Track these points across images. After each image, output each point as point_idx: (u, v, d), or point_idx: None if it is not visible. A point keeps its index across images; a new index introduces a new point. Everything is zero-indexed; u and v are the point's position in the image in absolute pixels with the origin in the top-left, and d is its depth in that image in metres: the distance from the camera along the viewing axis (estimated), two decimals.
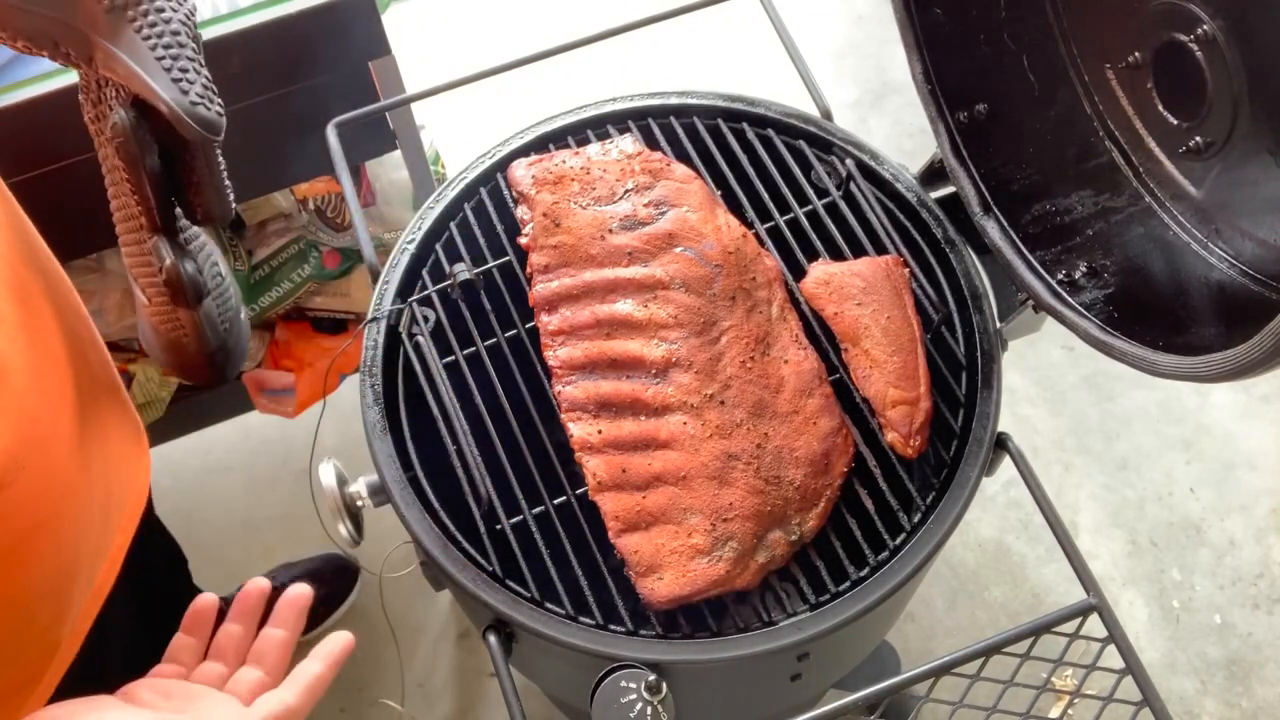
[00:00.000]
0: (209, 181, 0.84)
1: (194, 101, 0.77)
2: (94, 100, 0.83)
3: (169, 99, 0.76)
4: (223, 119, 0.79)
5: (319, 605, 1.62)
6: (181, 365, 0.95)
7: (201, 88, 0.78)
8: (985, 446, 0.93)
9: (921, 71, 1.01)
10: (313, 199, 1.60)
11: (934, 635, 1.65)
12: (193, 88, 0.77)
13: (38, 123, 1.11)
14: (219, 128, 0.78)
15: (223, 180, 0.85)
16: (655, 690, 0.80)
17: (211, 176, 0.84)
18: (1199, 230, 0.89)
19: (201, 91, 0.77)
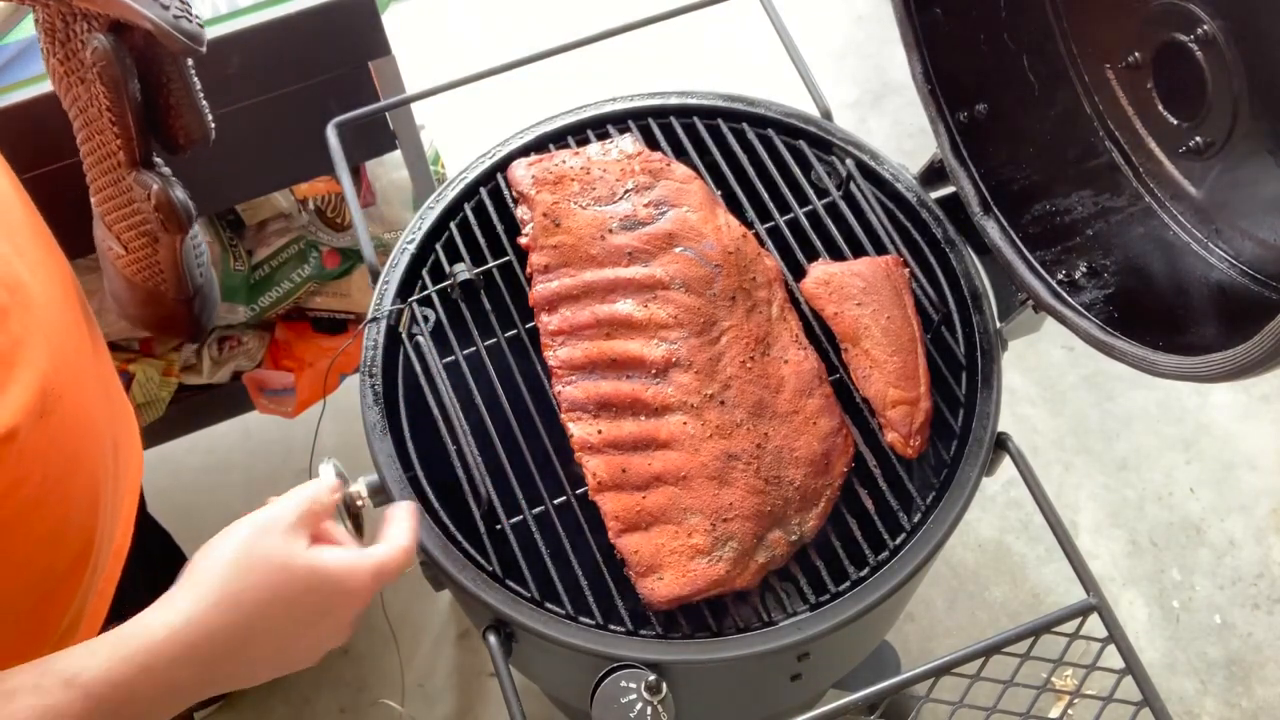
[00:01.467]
0: (188, 101, 0.84)
1: (176, 15, 0.78)
2: (62, 40, 0.83)
3: (153, 16, 0.77)
4: (203, 31, 0.80)
5: None
6: (160, 318, 0.94)
7: (181, 4, 0.79)
8: (985, 446, 0.93)
9: (921, 71, 1.01)
10: (313, 199, 1.60)
11: (934, 635, 1.65)
12: (173, 3, 0.79)
13: (38, 123, 1.11)
14: (202, 39, 0.80)
15: (200, 99, 0.86)
16: (655, 690, 0.80)
17: (189, 95, 0.84)
18: (1199, 230, 0.89)
19: (180, 6, 0.79)
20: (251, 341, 1.72)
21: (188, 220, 0.88)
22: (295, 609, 0.61)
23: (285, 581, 0.61)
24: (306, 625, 0.62)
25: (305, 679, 1.61)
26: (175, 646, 0.56)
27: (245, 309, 1.65)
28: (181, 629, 0.56)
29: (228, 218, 1.63)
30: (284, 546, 0.62)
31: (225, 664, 0.58)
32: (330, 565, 0.63)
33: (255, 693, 1.60)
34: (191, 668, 0.56)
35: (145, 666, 0.55)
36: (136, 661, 0.55)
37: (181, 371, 1.69)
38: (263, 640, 0.60)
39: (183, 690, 0.57)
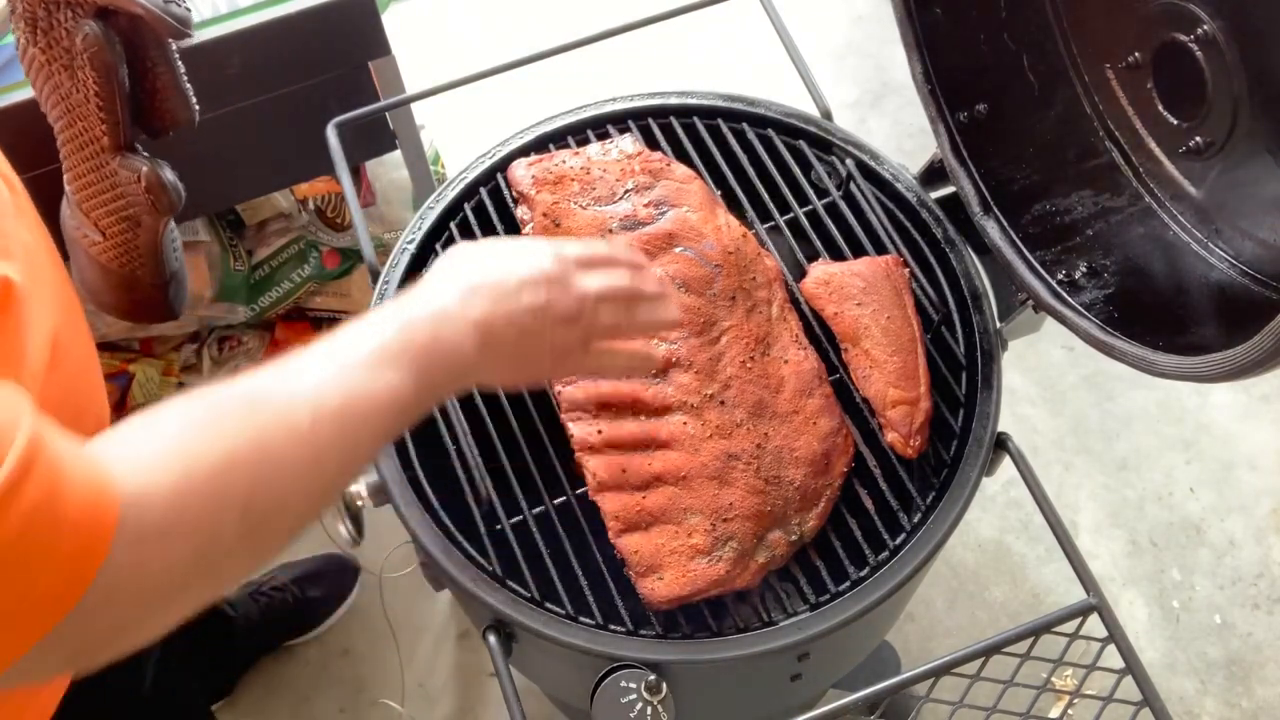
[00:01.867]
0: (173, 84, 0.86)
1: (166, 0, 0.80)
2: (44, 29, 0.84)
3: (144, 1, 0.78)
4: (191, 14, 0.82)
5: (319, 605, 1.62)
6: (134, 303, 0.95)
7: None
8: (985, 446, 0.93)
9: (921, 71, 1.01)
10: (313, 199, 1.60)
11: (934, 635, 1.65)
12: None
13: (37, 123, 1.11)
14: (190, 22, 0.82)
15: (185, 82, 0.87)
16: (655, 690, 0.80)
17: (175, 79, 0.86)
18: (1199, 230, 0.89)
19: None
20: (251, 341, 1.72)
21: (178, 199, 0.89)
22: (487, 249, 0.71)
23: (479, 247, 0.71)
24: (505, 261, 0.69)
25: (305, 679, 1.61)
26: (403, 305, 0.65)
27: (245, 309, 1.65)
28: (420, 299, 0.66)
29: (228, 218, 1.63)
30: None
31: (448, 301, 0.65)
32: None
33: (255, 693, 1.60)
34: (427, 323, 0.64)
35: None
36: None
37: (182, 371, 1.69)
38: (472, 273, 0.68)
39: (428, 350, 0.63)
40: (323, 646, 1.64)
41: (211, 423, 0.53)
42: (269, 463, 0.53)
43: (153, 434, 0.51)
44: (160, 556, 0.48)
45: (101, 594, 0.45)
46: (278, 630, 1.59)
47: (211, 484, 0.50)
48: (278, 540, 0.56)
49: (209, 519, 0.50)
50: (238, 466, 0.51)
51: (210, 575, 0.52)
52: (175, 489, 0.49)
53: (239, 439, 0.52)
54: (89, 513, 0.45)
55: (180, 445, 0.51)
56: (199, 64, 0.89)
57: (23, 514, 0.42)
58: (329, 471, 0.57)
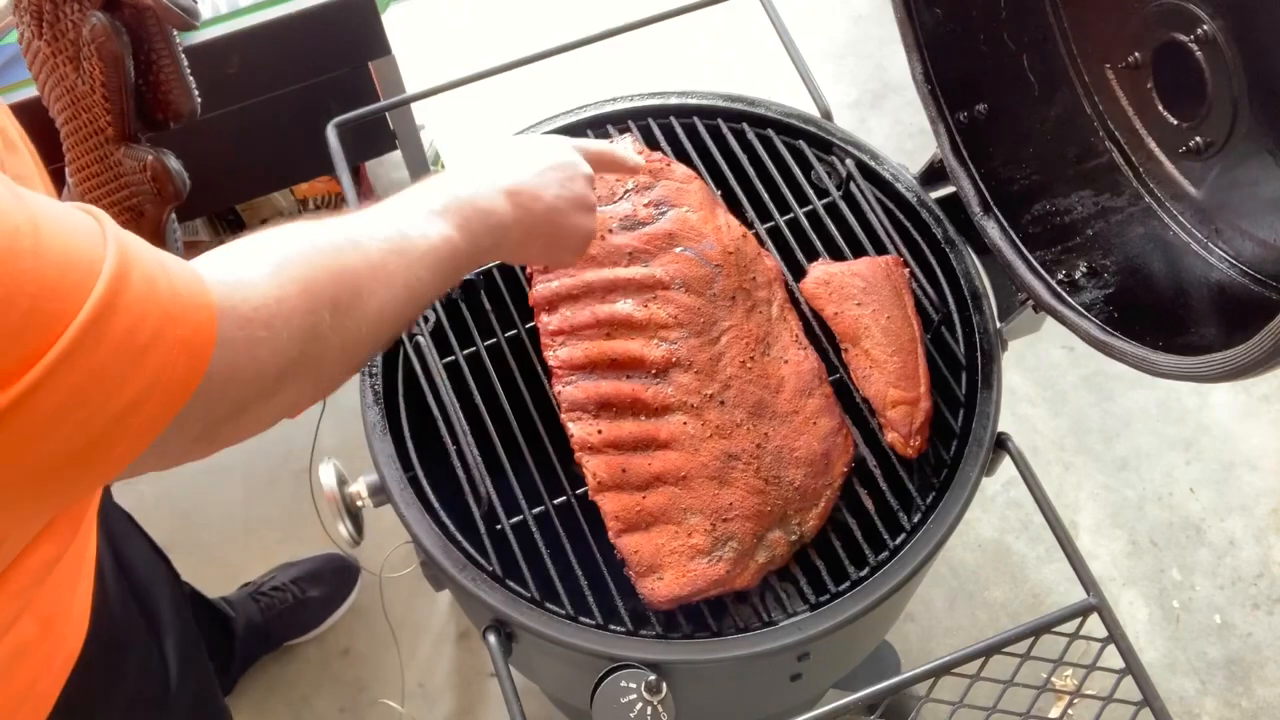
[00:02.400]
0: (176, 76, 0.87)
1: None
2: (50, 22, 0.85)
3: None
4: (198, 5, 0.84)
5: (319, 605, 1.62)
6: None
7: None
8: (985, 446, 0.93)
9: (921, 71, 1.01)
10: (313, 199, 1.60)
11: (934, 635, 1.65)
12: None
13: (38, 123, 1.11)
14: (198, 14, 0.84)
15: (188, 75, 0.88)
16: (655, 690, 0.80)
17: (179, 71, 0.87)
18: (1199, 230, 0.89)
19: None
20: None
21: (183, 187, 0.90)
22: (510, 140, 0.80)
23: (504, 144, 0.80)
24: (528, 146, 0.79)
25: (305, 679, 1.61)
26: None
27: None
28: (458, 175, 0.74)
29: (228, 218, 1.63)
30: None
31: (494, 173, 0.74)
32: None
33: (255, 693, 1.60)
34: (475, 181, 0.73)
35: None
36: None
37: None
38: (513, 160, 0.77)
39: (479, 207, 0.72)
40: (323, 646, 1.64)
41: (288, 238, 0.59)
42: (346, 272, 0.60)
43: (235, 249, 0.57)
44: (268, 341, 0.53)
45: (221, 373, 0.50)
46: (278, 630, 1.59)
47: (301, 282, 0.56)
48: (364, 346, 0.62)
49: (304, 310, 0.56)
50: (320, 270, 0.58)
51: (313, 367, 0.58)
52: (271, 282, 0.55)
53: (316, 250, 0.59)
54: (192, 300, 0.49)
55: (266, 252, 0.57)
56: (199, 64, 0.89)
57: (133, 304, 0.45)
58: (397, 291, 0.63)
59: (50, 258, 0.42)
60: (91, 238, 0.45)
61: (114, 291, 0.44)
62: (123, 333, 0.44)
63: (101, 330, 0.43)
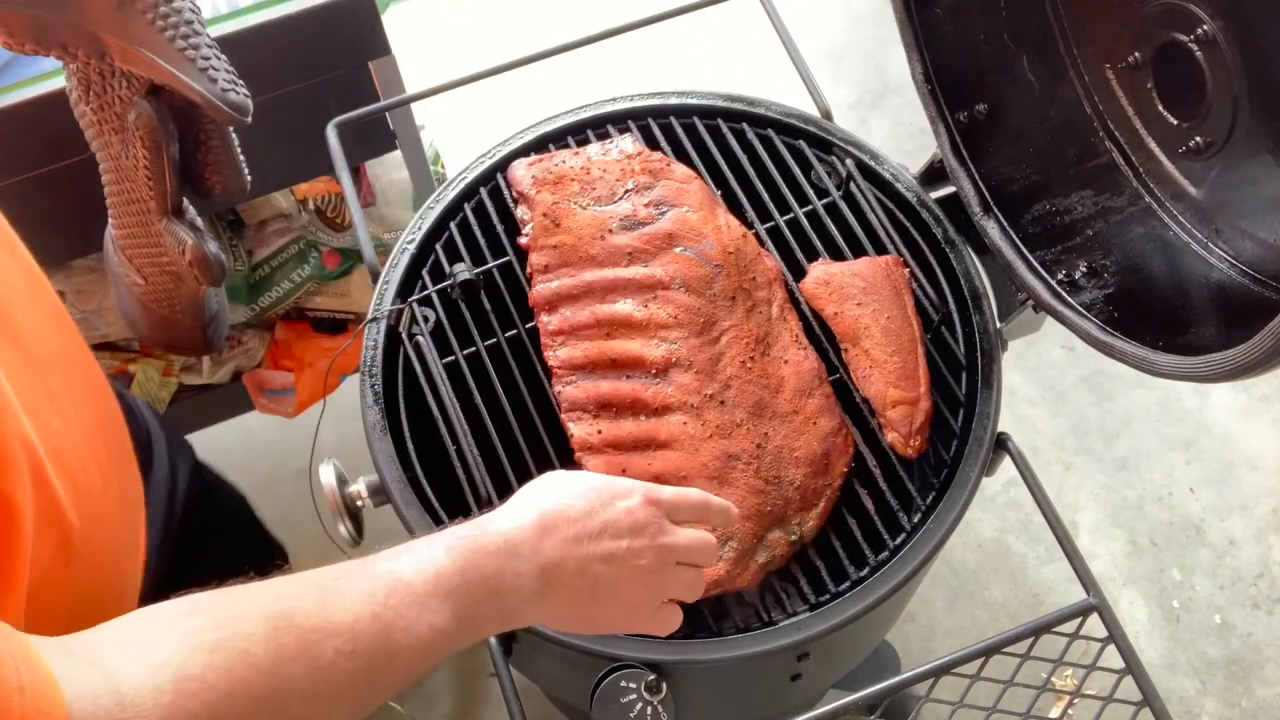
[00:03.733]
0: (227, 159, 0.86)
1: (224, 88, 0.78)
2: (98, 92, 0.84)
3: (200, 89, 0.77)
4: (249, 101, 0.80)
5: None
6: (173, 340, 0.96)
7: (226, 74, 0.79)
8: (985, 446, 0.93)
9: (921, 71, 1.01)
10: (313, 199, 1.60)
11: (934, 635, 1.65)
12: (220, 75, 0.78)
13: (38, 123, 1.11)
14: (248, 110, 0.80)
15: (239, 156, 0.87)
16: (655, 690, 0.80)
17: (229, 154, 0.86)
18: (1199, 230, 0.89)
19: (228, 77, 0.79)
20: (251, 341, 1.72)
21: (221, 274, 0.89)
22: (578, 480, 0.66)
23: (571, 479, 0.66)
24: (592, 498, 0.64)
25: None
26: (492, 538, 0.60)
27: (245, 309, 1.65)
28: (496, 526, 0.61)
29: (228, 218, 1.62)
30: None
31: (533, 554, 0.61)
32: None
33: None
34: (502, 558, 0.59)
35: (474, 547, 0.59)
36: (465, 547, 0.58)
37: (181, 371, 1.69)
38: (561, 526, 0.62)
39: (502, 589, 0.59)
40: None
41: (221, 642, 0.47)
42: (276, 696, 0.48)
43: (154, 643, 0.46)
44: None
45: None
46: None
47: (210, 707, 0.45)
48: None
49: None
50: (239, 699, 0.46)
51: None
52: (165, 710, 0.44)
53: (249, 664, 0.47)
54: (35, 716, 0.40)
55: (178, 666, 0.45)
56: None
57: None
58: (341, 707, 0.52)
59: None
60: None
61: None
62: None
63: None
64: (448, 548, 0.58)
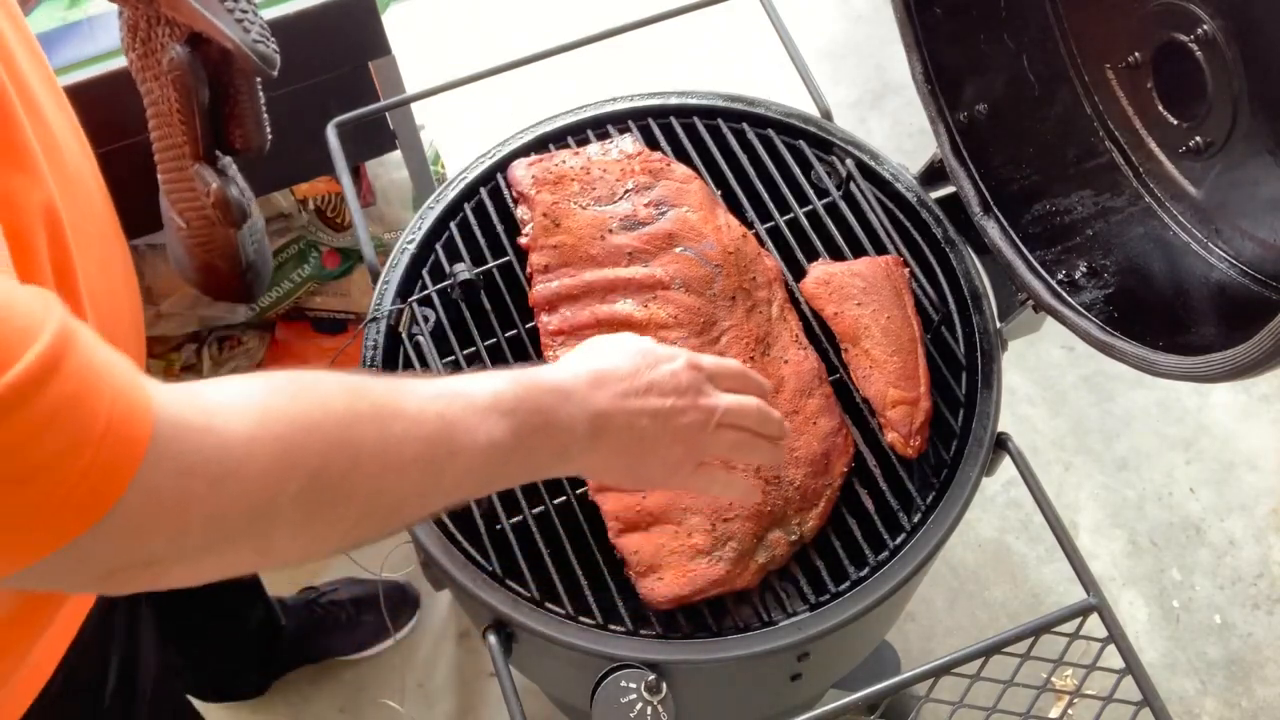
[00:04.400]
0: (251, 113, 0.90)
1: (255, 39, 0.83)
2: (144, 38, 0.89)
3: (235, 37, 0.82)
4: (278, 55, 0.85)
5: (372, 630, 1.60)
6: (215, 285, 1.00)
7: (260, 28, 0.84)
8: (985, 446, 0.93)
9: (921, 71, 1.01)
10: (313, 199, 1.60)
11: (934, 635, 1.65)
12: (254, 27, 0.84)
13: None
14: (276, 63, 0.85)
15: (263, 112, 0.91)
16: (655, 690, 0.80)
17: (254, 108, 0.90)
18: (1199, 230, 0.89)
19: (260, 31, 0.84)
20: (251, 341, 1.72)
21: (241, 217, 0.93)
22: (628, 343, 0.70)
23: (619, 341, 0.70)
24: (641, 359, 0.68)
25: (305, 678, 1.61)
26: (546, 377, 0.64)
27: (245, 309, 1.65)
28: (550, 374, 0.65)
29: None
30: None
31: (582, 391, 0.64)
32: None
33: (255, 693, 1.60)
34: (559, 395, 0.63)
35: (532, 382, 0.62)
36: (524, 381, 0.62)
37: (182, 371, 1.69)
38: (609, 369, 0.66)
39: (555, 421, 0.62)
40: None
41: (303, 390, 0.52)
42: (349, 446, 0.51)
43: (239, 384, 0.50)
44: (212, 498, 0.46)
45: (133, 517, 0.43)
46: (323, 644, 1.58)
47: (285, 442, 0.49)
48: (332, 535, 0.53)
49: (272, 477, 0.48)
50: (316, 435, 0.50)
51: (258, 540, 0.50)
52: (248, 434, 0.47)
53: (327, 412, 0.51)
54: (121, 426, 0.43)
55: (263, 399, 0.49)
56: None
57: (47, 409, 0.40)
58: (404, 485, 0.55)
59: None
60: (26, 325, 0.41)
61: (23, 390, 0.39)
62: (20, 435, 0.39)
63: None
64: (507, 378, 0.61)
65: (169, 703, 1.02)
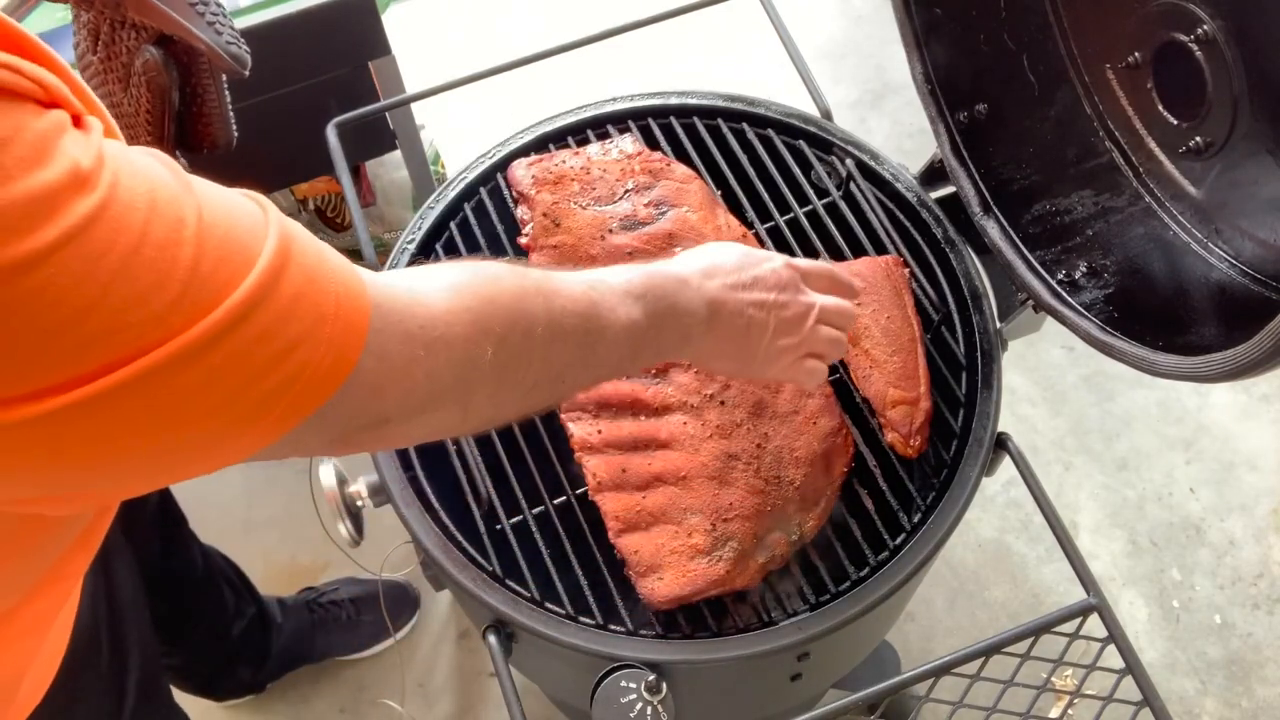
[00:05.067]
0: (219, 112, 0.91)
1: (228, 41, 0.85)
2: (106, 43, 0.90)
3: (207, 39, 0.84)
4: (249, 55, 0.87)
5: (371, 630, 1.60)
6: None
7: (231, 29, 0.86)
8: (985, 446, 0.93)
9: (921, 71, 1.01)
10: (313, 199, 1.60)
11: (934, 635, 1.65)
12: (225, 29, 0.85)
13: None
14: (247, 63, 0.86)
15: (229, 111, 0.92)
16: (655, 690, 0.80)
17: (221, 107, 0.91)
18: (1199, 230, 0.89)
19: (232, 33, 0.86)
20: None
21: None
22: (732, 246, 0.77)
23: (722, 246, 0.77)
24: (746, 257, 0.75)
25: (305, 678, 1.61)
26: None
27: None
28: (668, 266, 0.72)
29: None
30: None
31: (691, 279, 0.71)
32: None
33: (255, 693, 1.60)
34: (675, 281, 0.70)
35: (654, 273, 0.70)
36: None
37: None
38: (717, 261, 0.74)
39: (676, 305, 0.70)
40: None
41: (479, 270, 0.59)
42: (524, 315, 0.59)
43: (428, 271, 0.58)
44: (424, 361, 0.53)
45: (367, 381, 0.50)
46: (323, 644, 1.59)
47: (474, 311, 0.56)
48: (515, 397, 0.61)
49: (468, 339, 0.55)
50: (498, 307, 0.57)
51: (463, 398, 0.57)
52: (443, 304, 0.55)
53: (501, 288, 0.58)
54: (347, 301, 0.49)
55: (451, 280, 0.57)
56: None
57: (288, 298, 0.45)
58: (567, 353, 0.63)
59: (210, 247, 0.43)
60: (254, 229, 0.46)
61: (266, 285, 0.44)
62: (270, 323, 0.44)
63: (248, 318, 0.44)
64: (635, 269, 0.69)
65: (155, 682, 1.03)
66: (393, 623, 1.60)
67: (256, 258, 0.45)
